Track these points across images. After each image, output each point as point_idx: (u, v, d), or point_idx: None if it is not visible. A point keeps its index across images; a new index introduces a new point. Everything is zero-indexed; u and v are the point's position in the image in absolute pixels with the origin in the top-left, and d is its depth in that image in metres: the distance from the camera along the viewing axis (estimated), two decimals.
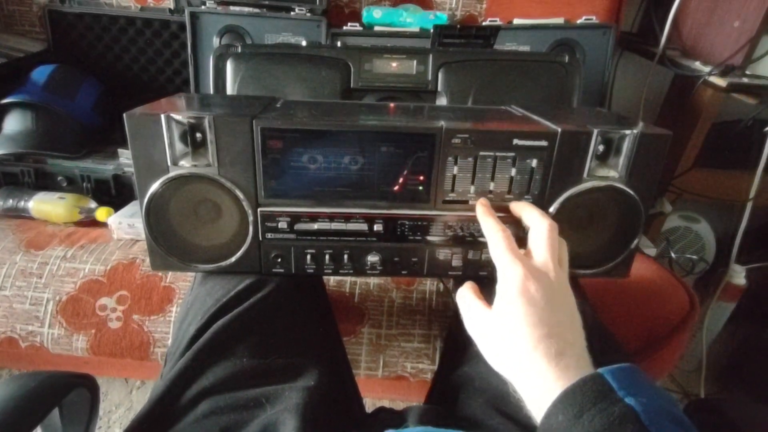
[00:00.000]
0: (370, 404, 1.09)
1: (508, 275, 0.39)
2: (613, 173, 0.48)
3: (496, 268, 0.41)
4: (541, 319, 0.36)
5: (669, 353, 0.75)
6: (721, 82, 0.93)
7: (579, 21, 0.98)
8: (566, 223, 0.49)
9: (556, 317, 0.37)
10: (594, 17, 0.98)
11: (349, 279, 0.80)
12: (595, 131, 0.46)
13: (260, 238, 0.49)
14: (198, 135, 0.45)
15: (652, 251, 1.05)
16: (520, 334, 0.37)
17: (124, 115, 0.44)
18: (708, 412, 0.49)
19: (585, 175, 0.48)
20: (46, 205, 0.89)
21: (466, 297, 0.43)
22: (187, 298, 0.56)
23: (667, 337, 0.74)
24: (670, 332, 0.74)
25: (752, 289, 1.16)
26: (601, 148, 0.47)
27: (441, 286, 0.80)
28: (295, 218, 0.49)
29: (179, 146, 0.45)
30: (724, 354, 1.28)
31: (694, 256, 1.29)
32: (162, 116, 0.44)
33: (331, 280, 0.79)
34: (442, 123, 0.46)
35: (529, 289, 0.38)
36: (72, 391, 0.46)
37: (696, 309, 0.77)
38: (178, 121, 0.44)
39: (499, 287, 0.40)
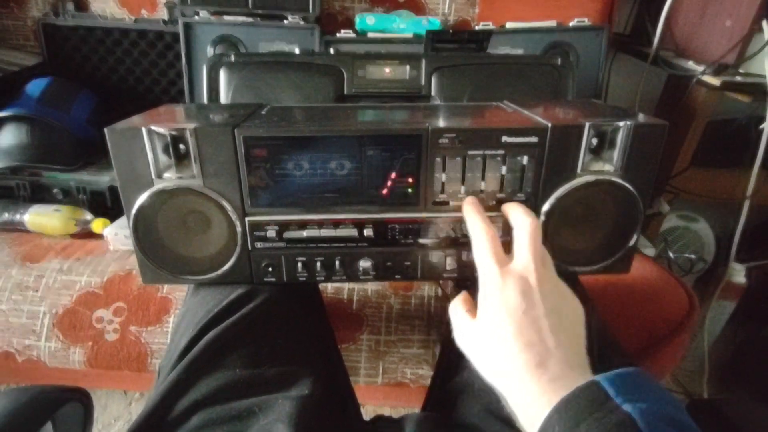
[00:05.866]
0: (371, 411, 1.09)
1: (487, 281, 0.39)
2: (608, 167, 0.46)
3: (478, 271, 0.40)
4: (520, 328, 0.35)
5: (669, 354, 0.74)
6: (715, 81, 0.93)
7: (571, 23, 0.98)
8: (562, 220, 0.48)
9: (537, 324, 0.36)
10: (586, 19, 0.98)
11: (346, 286, 0.80)
12: (587, 124, 0.45)
13: (250, 248, 0.49)
14: (181, 147, 0.44)
15: (650, 252, 1.04)
16: (500, 346, 0.36)
17: (105, 130, 0.43)
18: (707, 413, 0.49)
19: (579, 170, 0.46)
20: (41, 217, 0.89)
21: (457, 310, 0.42)
22: (180, 310, 0.55)
23: (667, 338, 0.73)
24: (670, 333, 0.73)
25: (752, 287, 1.15)
26: (594, 141, 0.45)
27: (439, 290, 0.80)
28: (284, 226, 0.48)
29: (163, 159, 0.45)
30: (726, 353, 1.27)
31: (693, 256, 1.29)
32: (143, 129, 0.43)
33: (329, 287, 0.79)
34: (428, 123, 0.46)
35: (508, 298, 0.37)
36: (64, 405, 0.46)
37: (696, 309, 0.76)
38: (159, 134, 0.44)
39: (480, 294, 0.39)
